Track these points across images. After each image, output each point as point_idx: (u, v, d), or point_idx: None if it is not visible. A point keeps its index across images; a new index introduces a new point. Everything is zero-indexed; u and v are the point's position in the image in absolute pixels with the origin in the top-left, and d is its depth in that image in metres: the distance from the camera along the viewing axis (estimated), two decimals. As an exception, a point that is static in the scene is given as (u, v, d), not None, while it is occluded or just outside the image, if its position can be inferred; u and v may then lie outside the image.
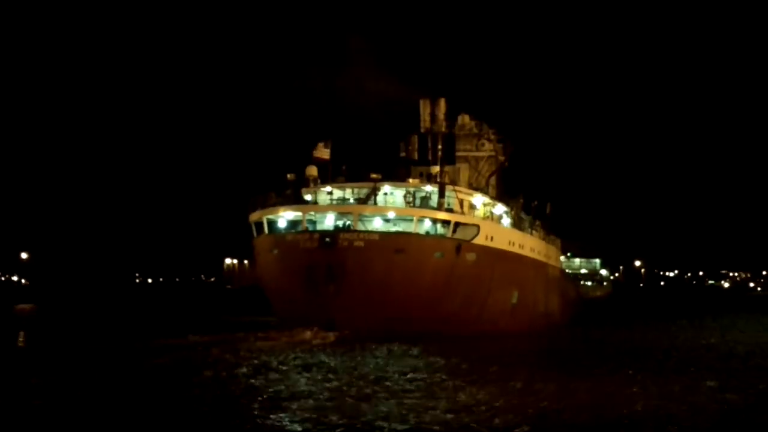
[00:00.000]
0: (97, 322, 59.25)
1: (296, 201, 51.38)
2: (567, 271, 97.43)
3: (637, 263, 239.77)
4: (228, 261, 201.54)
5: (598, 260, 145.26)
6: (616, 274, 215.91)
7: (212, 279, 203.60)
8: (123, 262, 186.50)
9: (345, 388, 26.04)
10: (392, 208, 48.89)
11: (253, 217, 51.20)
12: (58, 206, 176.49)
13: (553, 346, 46.10)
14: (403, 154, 64.23)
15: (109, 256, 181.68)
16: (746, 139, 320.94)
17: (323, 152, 50.44)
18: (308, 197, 53.17)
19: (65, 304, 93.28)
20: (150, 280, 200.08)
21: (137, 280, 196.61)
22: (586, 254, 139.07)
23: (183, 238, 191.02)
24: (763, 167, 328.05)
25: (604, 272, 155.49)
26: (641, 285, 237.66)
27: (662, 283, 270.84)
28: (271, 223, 50.39)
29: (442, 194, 49.56)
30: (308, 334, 42.90)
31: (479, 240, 50.14)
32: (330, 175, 51.36)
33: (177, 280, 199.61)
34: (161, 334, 44.30)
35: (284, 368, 31.08)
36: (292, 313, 47.27)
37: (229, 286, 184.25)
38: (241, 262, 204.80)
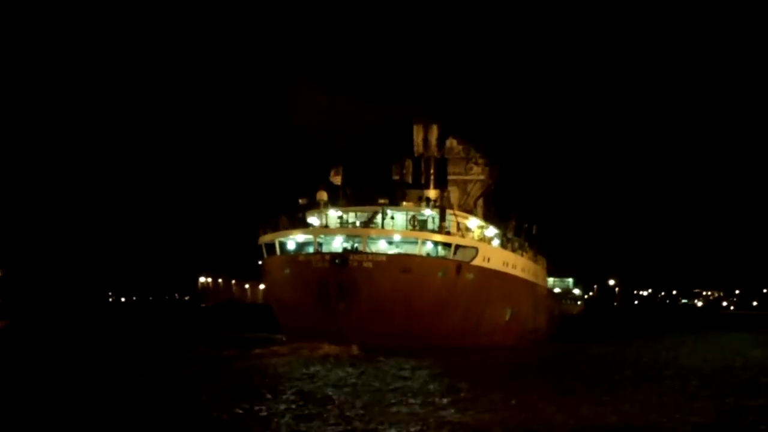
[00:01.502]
0: (89, 338, 61.75)
1: (306, 224, 56.26)
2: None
3: (611, 282, 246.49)
4: (202, 279, 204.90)
5: (571, 279, 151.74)
6: (591, 293, 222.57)
7: (186, 297, 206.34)
8: (97, 280, 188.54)
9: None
10: (399, 231, 53.80)
11: (265, 238, 55.75)
12: (31, 222, 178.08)
13: (544, 360, 50.80)
14: (396, 177, 69.27)
15: (83, 273, 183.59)
16: (719, 160, 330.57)
17: (336, 178, 55.48)
18: (313, 219, 57.72)
19: (41, 321, 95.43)
20: (123, 299, 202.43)
21: (110, 299, 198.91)
22: (560, 273, 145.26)
23: (156, 255, 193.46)
24: (736, 188, 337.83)
25: (577, 291, 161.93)
26: (615, 304, 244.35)
27: (636, 301, 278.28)
28: (282, 245, 55.12)
29: (443, 218, 54.49)
30: (331, 348, 47.34)
31: (477, 261, 55.30)
32: (341, 198, 56.12)
33: (150, 298, 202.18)
34: (181, 348, 48.72)
35: (323, 379, 35.73)
36: (303, 328, 51.72)
37: (203, 304, 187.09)
38: (215, 279, 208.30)
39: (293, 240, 55.08)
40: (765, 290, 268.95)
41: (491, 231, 63.12)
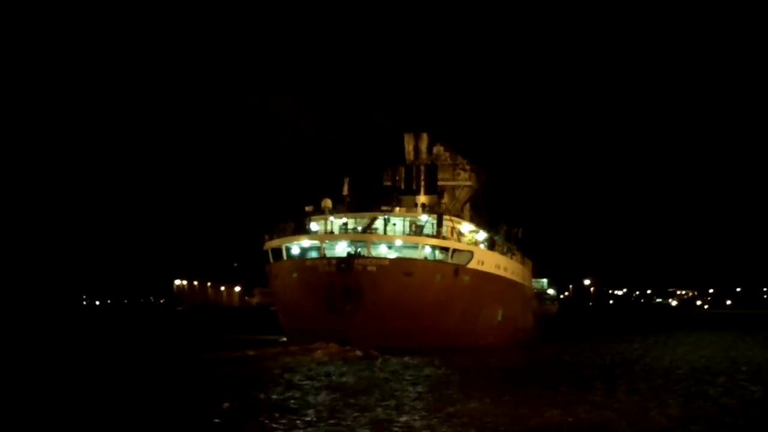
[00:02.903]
0: (77, 343, 63.60)
1: (308, 230, 60.50)
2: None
3: (587, 282, 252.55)
4: (177, 282, 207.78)
5: (545, 280, 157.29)
6: (566, 293, 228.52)
7: (161, 300, 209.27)
8: (70, 283, 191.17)
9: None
10: (400, 236, 58.17)
11: (272, 244, 59.84)
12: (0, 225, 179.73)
13: (538, 359, 54.89)
14: (388, 183, 73.86)
15: (56, 276, 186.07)
16: (693, 163, 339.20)
17: (345, 189, 60.31)
18: (314, 225, 61.76)
19: (16, 325, 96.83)
20: (98, 302, 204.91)
21: (84, 302, 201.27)
22: (536, 274, 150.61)
23: (130, 258, 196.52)
24: (709, 190, 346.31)
25: (551, 291, 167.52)
26: (590, 303, 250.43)
27: (611, 301, 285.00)
28: (288, 250, 59.34)
29: (440, 223, 58.99)
30: (338, 348, 51.50)
31: (472, 264, 59.91)
32: (345, 205, 60.53)
33: (125, 301, 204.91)
34: (186, 352, 52.39)
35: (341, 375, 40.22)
36: (309, 330, 55.81)
37: (179, 308, 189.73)
38: (190, 282, 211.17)
39: (298, 245, 59.22)
40: (738, 289, 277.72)
41: (482, 235, 67.78)
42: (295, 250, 59.31)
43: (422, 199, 66.97)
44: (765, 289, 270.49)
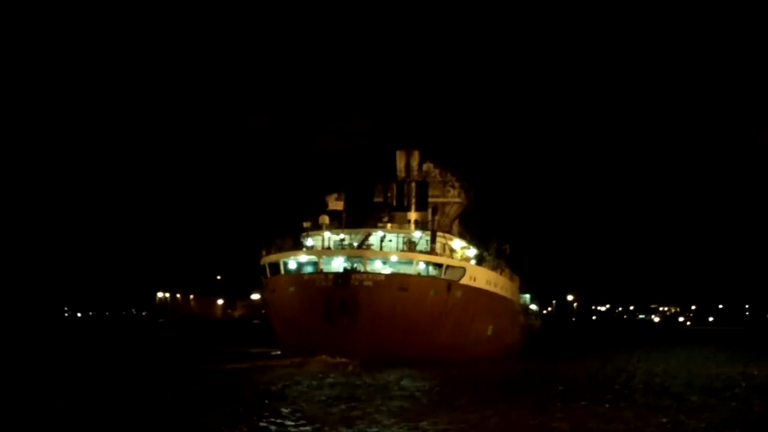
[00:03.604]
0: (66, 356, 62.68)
1: (305, 246, 62.91)
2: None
3: (570, 297, 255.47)
4: (160, 294, 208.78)
5: (528, 295, 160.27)
6: (549, 309, 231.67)
7: (143, 312, 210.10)
8: (51, 295, 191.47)
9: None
10: (395, 252, 60.83)
11: (270, 259, 62.28)
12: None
13: (528, 371, 57.46)
14: (379, 199, 76.25)
15: (36, 288, 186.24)
16: (678, 180, 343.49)
17: (336, 204, 62.53)
18: (310, 240, 64.19)
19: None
20: (79, 314, 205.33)
21: (66, 314, 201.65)
22: (520, 290, 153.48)
23: (112, 270, 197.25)
24: (693, 207, 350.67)
25: (534, 307, 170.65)
26: (573, 319, 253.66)
27: (594, 317, 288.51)
28: (285, 265, 61.79)
29: (434, 240, 61.73)
30: (336, 360, 54.05)
31: (465, 280, 62.55)
32: (343, 221, 62.97)
33: (107, 313, 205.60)
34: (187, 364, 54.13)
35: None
36: (306, 342, 58.11)
37: (161, 320, 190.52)
38: (173, 294, 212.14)
39: (295, 260, 61.71)
40: (720, 306, 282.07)
41: (472, 251, 70.45)
42: (292, 265, 61.76)
43: (414, 215, 69.42)
44: (747, 306, 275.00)
